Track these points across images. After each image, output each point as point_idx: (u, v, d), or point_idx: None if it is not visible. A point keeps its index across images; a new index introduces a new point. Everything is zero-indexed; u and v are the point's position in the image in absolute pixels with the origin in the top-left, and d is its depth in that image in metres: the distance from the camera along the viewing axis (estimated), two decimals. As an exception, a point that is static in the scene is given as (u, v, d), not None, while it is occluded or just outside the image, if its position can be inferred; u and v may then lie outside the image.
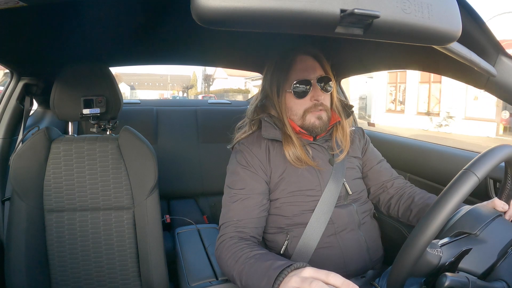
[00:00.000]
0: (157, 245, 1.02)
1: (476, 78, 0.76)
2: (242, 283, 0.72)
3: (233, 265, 0.75)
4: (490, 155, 0.56)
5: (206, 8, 0.34)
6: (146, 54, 1.46)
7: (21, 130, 1.19)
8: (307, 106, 0.88)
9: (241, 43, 1.29)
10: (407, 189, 0.98)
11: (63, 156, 1.02)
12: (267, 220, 0.90)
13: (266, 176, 0.89)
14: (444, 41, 0.47)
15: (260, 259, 0.71)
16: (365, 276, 0.86)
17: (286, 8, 0.36)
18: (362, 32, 0.41)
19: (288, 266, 0.61)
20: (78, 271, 1.02)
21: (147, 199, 1.02)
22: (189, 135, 1.82)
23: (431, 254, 0.54)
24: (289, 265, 0.61)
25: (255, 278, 0.67)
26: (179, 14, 0.94)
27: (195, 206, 1.78)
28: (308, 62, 0.89)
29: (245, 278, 0.71)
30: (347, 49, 1.18)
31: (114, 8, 0.86)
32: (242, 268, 0.72)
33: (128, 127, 1.06)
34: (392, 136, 1.55)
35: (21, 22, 0.80)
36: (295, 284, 0.55)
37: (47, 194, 1.00)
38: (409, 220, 0.94)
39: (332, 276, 0.52)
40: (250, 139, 0.93)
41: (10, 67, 1.14)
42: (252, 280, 0.68)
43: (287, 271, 0.60)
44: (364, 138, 1.04)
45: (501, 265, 0.56)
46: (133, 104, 1.96)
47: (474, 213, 0.63)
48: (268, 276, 0.62)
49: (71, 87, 1.03)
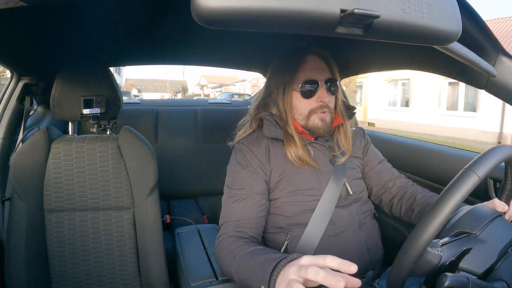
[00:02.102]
0: (157, 245, 1.02)
1: (476, 78, 0.76)
2: (240, 279, 0.72)
3: (231, 262, 0.75)
4: (491, 154, 0.56)
5: (206, 8, 0.34)
6: (146, 54, 1.46)
7: (21, 130, 1.19)
8: (313, 107, 0.88)
9: (242, 43, 1.29)
10: (409, 188, 0.98)
11: (63, 156, 1.02)
12: (267, 220, 0.90)
13: (266, 176, 0.89)
14: (444, 41, 0.47)
15: (257, 253, 0.71)
16: (365, 276, 0.85)
17: (286, 8, 0.36)
18: (362, 32, 0.41)
19: (284, 258, 0.61)
20: (78, 271, 1.02)
21: (147, 199, 1.02)
22: (189, 135, 1.82)
23: (432, 254, 0.54)
24: (285, 257, 0.61)
25: (252, 272, 0.67)
26: (179, 14, 0.94)
27: (195, 206, 1.78)
28: (317, 63, 0.89)
29: (242, 274, 0.71)
30: (347, 49, 1.18)
31: (114, 8, 0.86)
32: (239, 264, 0.72)
33: (128, 127, 1.06)
34: (392, 136, 1.55)
35: (21, 22, 0.80)
36: (294, 275, 0.55)
37: (47, 194, 1.00)
38: (411, 219, 0.94)
39: (329, 259, 0.53)
40: (250, 138, 0.93)
41: (10, 67, 1.14)
42: (249, 275, 0.68)
43: (283, 262, 0.60)
44: (365, 139, 1.05)
45: (501, 265, 0.56)
46: (133, 104, 1.96)
47: (474, 213, 0.63)
48: (264, 269, 0.62)
49: (71, 87, 1.03)
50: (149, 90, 37.72)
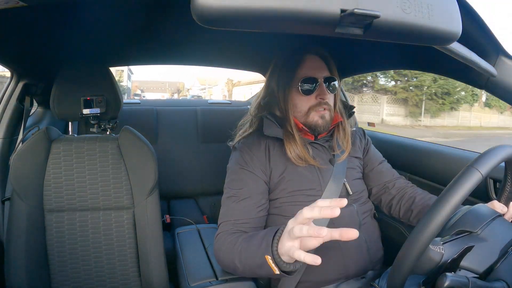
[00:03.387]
0: (157, 245, 1.02)
1: (476, 78, 0.76)
2: (242, 263, 0.74)
3: (231, 250, 0.77)
4: (493, 153, 0.57)
5: (206, 8, 0.34)
6: (146, 54, 1.46)
7: (21, 130, 1.19)
8: (312, 104, 0.89)
9: (242, 43, 1.29)
10: (408, 189, 0.98)
11: (63, 156, 1.02)
12: (267, 220, 0.90)
13: (266, 176, 0.89)
14: (444, 41, 0.47)
15: (254, 234, 0.75)
16: (365, 277, 0.86)
17: (286, 8, 0.36)
18: (362, 32, 0.41)
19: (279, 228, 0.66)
20: (78, 271, 1.02)
21: (147, 199, 1.02)
22: (189, 135, 1.82)
23: (433, 251, 0.54)
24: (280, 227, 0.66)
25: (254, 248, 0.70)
26: (179, 14, 0.94)
27: (195, 206, 1.78)
28: (316, 62, 0.91)
29: (244, 257, 0.74)
30: (346, 49, 1.18)
31: (114, 8, 0.86)
32: (240, 249, 0.75)
33: (128, 127, 1.06)
34: (393, 136, 1.55)
35: (21, 22, 0.80)
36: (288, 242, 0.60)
37: (47, 194, 1.00)
38: (410, 220, 0.94)
39: (319, 202, 0.56)
40: (250, 139, 0.93)
41: (10, 67, 1.14)
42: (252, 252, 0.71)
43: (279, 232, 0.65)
44: (365, 139, 1.05)
45: (501, 265, 0.56)
46: (133, 104, 1.96)
47: (475, 212, 0.63)
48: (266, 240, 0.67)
49: (71, 87, 1.03)
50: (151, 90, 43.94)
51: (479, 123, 15.65)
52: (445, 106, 14.39)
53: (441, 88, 13.90)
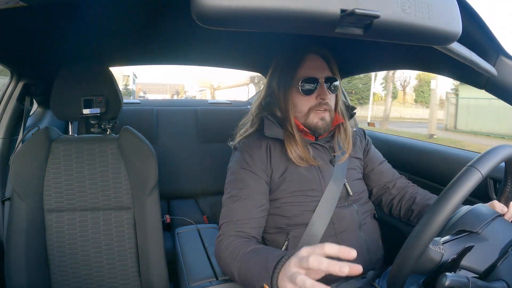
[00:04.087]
0: (157, 245, 1.02)
1: (476, 78, 0.76)
2: (241, 278, 0.73)
3: (231, 261, 0.76)
4: (494, 153, 0.57)
5: (206, 8, 0.34)
6: (146, 54, 1.46)
7: (21, 130, 1.19)
8: (312, 104, 0.88)
9: (242, 43, 1.29)
10: (409, 189, 0.98)
11: (63, 156, 1.01)
12: (267, 220, 0.90)
13: (267, 176, 0.89)
14: (444, 41, 0.47)
15: (257, 252, 0.72)
16: (365, 277, 0.86)
17: (286, 8, 0.36)
18: (362, 32, 0.41)
19: (284, 255, 0.62)
20: (78, 271, 1.02)
21: (147, 199, 1.02)
22: (189, 135, 1.82)
23: (434, 251, 0.54)
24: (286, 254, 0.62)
25: (253, 271, 0.68)
26: (179, 14, 0.94)
27: (195, 206, 1.78)
28: (317, 62, 0.90)
29: (243, 273, 0.72)
30: (346, 49, 1.18)
31: (114, 8, 0.86)
32: (240, 264, 0.73)
33: (128, 127, 1.06)
34: (393, 136, 1.55)
35: (21, 22, 0.80)
36: (295, 267, 0.56)
37: (47, 194, 1.00)
38: (411, 220, 0.94)
39: (328, 247, 0.53)
40: (250, 139, 0.93)
41: (10, 67, 1.14)
42: (251, 274, 0.69)
43: (284, 259, 0.62)
44: (366, 139, 1.05)
45: (501, 265, 0.56)
46: (133, 104, 1.96)
47: (475, 212, 0.63)
48: (266, 267, 0.63)
49: (71, 87, 1.03)
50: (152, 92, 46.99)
51: (399, 115, 19.94)
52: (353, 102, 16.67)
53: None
